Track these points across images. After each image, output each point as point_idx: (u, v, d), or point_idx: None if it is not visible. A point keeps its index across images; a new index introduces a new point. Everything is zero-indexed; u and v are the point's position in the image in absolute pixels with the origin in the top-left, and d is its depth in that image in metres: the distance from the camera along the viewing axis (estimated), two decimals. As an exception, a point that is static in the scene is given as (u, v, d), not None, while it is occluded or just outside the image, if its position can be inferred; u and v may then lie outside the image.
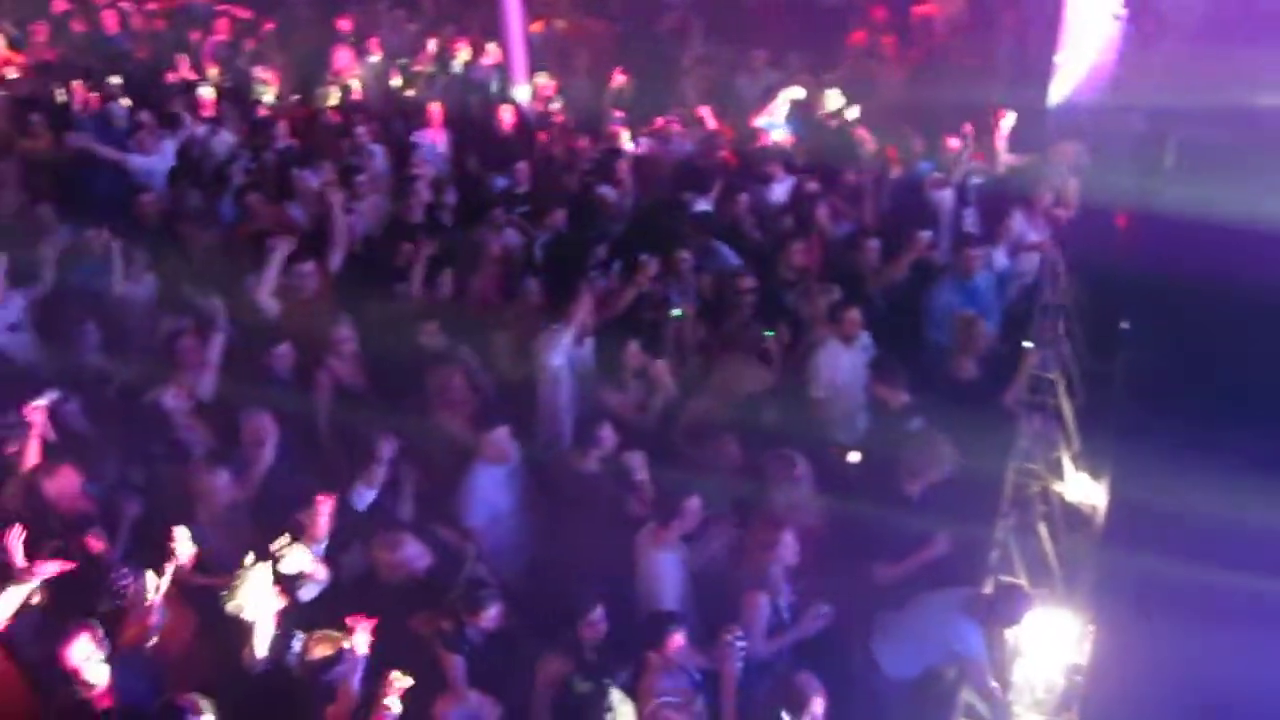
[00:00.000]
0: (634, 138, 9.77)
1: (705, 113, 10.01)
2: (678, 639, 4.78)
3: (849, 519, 5.81)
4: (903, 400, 6.45)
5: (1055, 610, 5.71)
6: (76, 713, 4.50)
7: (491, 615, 4.89)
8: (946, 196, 8.75)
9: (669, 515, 5.35)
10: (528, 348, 6.80)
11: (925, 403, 6.48)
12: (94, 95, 10.85)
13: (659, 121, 9.94)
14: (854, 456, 6.54)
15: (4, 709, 4.78)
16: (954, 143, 8.95)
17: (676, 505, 5.35)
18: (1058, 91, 10.84)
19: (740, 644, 4.74)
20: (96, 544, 5.47)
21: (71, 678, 4.49)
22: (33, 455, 5.76)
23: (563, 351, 6.52)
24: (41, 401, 5.85)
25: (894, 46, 11.75)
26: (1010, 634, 5.47)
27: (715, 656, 4.83)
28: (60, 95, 11.15)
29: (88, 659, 4.50)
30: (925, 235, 7.79)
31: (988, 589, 5.50)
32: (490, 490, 5.91)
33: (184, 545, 5.10)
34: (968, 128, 8.98)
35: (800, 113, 10.03)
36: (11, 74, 11.98)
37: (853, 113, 9.89)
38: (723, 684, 4.73)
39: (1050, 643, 5.55)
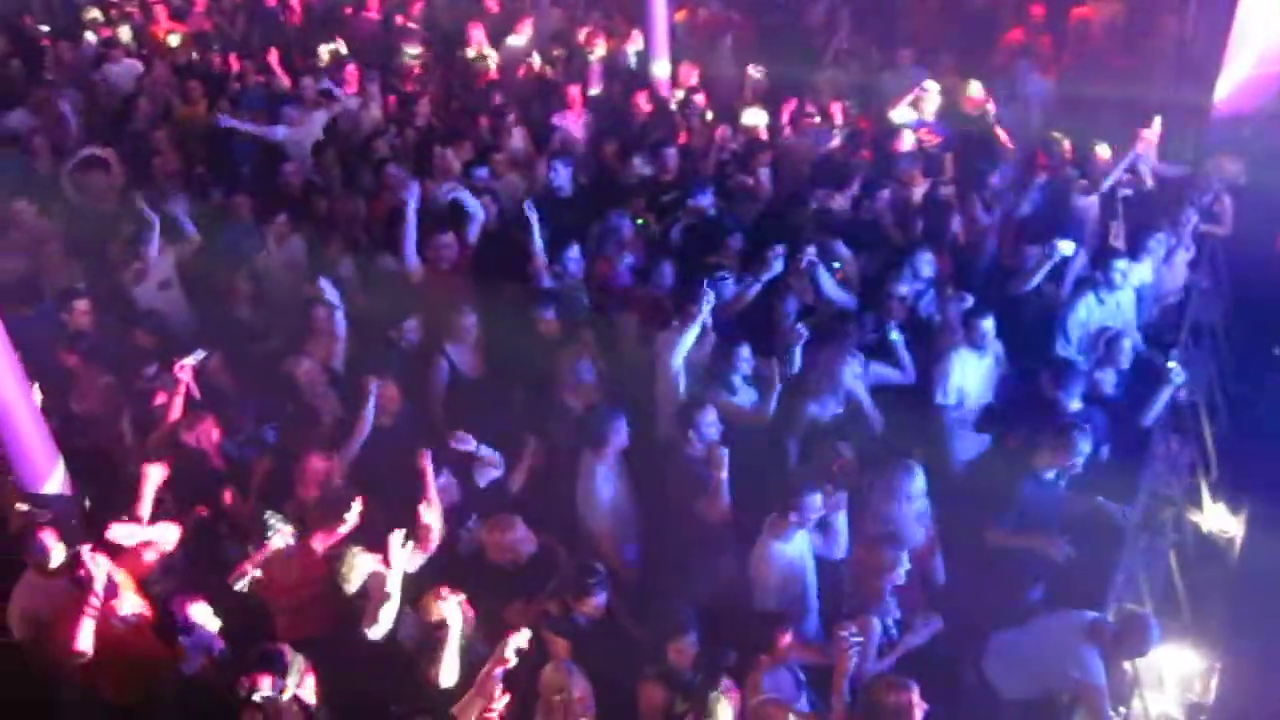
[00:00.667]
0: (772, 130, 9.68)
1: (836, 108, 9.83)
2: (786, 641, 4.76)
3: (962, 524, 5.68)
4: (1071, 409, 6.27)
5: (1180, 644, 5.50)
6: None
7: (596, 604, 4.93)
8: (1092, 205, 8.45)
9: (788, 507, 5.29)
10: (651, 335, 6.80)
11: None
12: (250, 65, 11.24)
13: (792, 114, 9.81)
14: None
15: (143, 653, 5.03)
16: (1104, 150, 8.61)
17: (796, 498, 5.28)
18: (1220, 101, 10.34)
19: (856, 640, 4.68)
20: (228, 498, 5.72)
21: (187, 630, 4.80)
22: (177, 410, 6.02)
23: (683, 352, 6.48)
24: (189, 360, 6.10)
25: (1048, 48, 11.39)
26: (1130, 664, 5.28)
27: (829, 651, 4.77)
28: (218, 64, 11.65)
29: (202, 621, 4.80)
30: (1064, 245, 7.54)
31: (1112, 616, 5.31)
32: (604, 479, 5.90)
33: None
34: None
35: (946, 112, 9.78)
36: (173, 43, 12.52)
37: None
38: (835, 680, 4.66)
39: (1173, 678, 5.34)
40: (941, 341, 6.99)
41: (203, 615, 4.93)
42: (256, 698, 4.35)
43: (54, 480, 5.50)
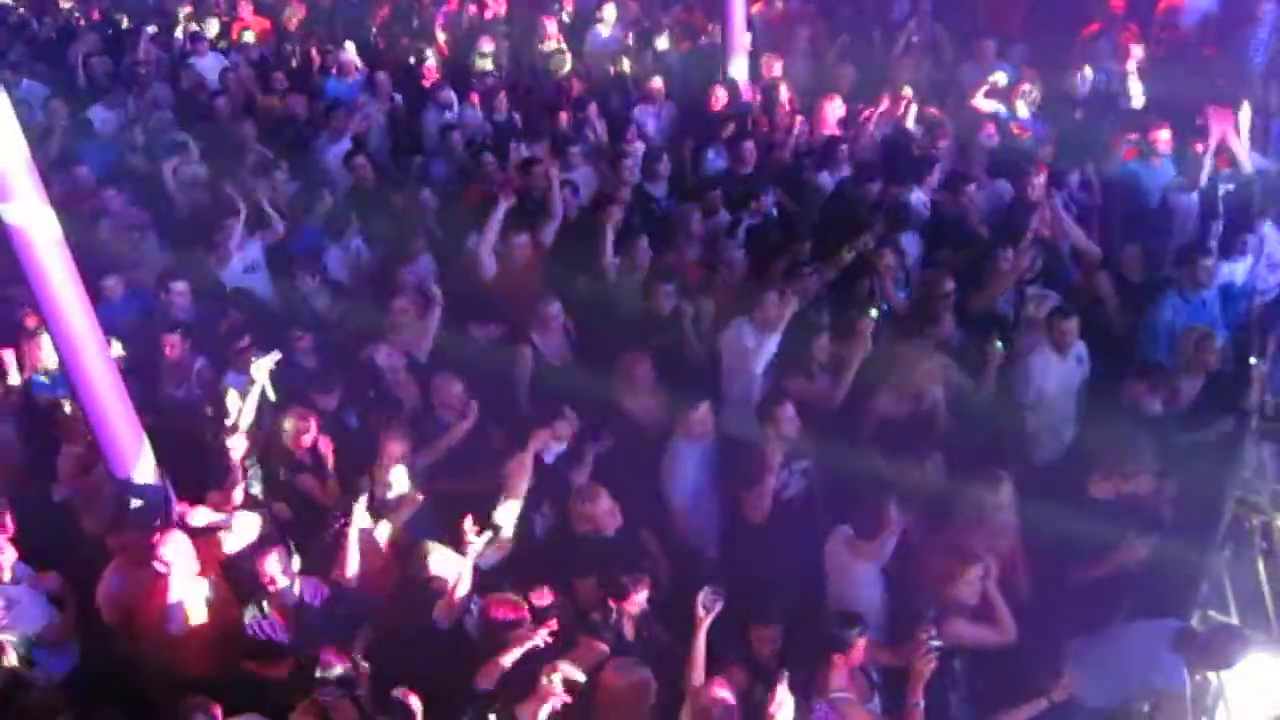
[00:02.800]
0: (849, 122, 9.58)
1: (906, 98, 9.67)
2: (862, 644, 4.71)
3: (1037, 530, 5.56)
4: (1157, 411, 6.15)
5: (1267, 655, 5.33)
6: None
7: (640, 600, 4.94)
8: (1189, 202, 8.22)
9: (871, 530, 5.23)
10: (726, 323, 6.80)
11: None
12: (330, 58, 11.40)
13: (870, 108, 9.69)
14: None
15: (224, 625, 5.15)
16: (1199, 145, 8.37)
17: (878, 519, 5.22)
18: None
19: (935, 643, 4.62)
20: (309, 483, 5.81)
21: (263, 588, 4.93)
22: (250, 408, 6.10)
23: (765, 355, 6.46)
24: (266, 361, 6.14)
25: (1130, 39, 11.08)
26: (1215, 675, 5.14)
27: (906, 654, 4.72)
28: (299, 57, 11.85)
29: (278, 574, 4.91)
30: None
31: (1197, 625, 5.17)
32: (691, 467, 5.94)
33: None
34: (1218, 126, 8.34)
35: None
36: (248, 38, 12.74)
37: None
38: (911, 682, 4.62)
39: (1259, 690, 5.18)
40: (1022, 340, 6.87)
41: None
42: (331, 675, 4.42)
43: (142, 466, 5.65)
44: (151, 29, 12.20)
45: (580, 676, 4.36)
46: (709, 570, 5.61)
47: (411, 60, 11.43)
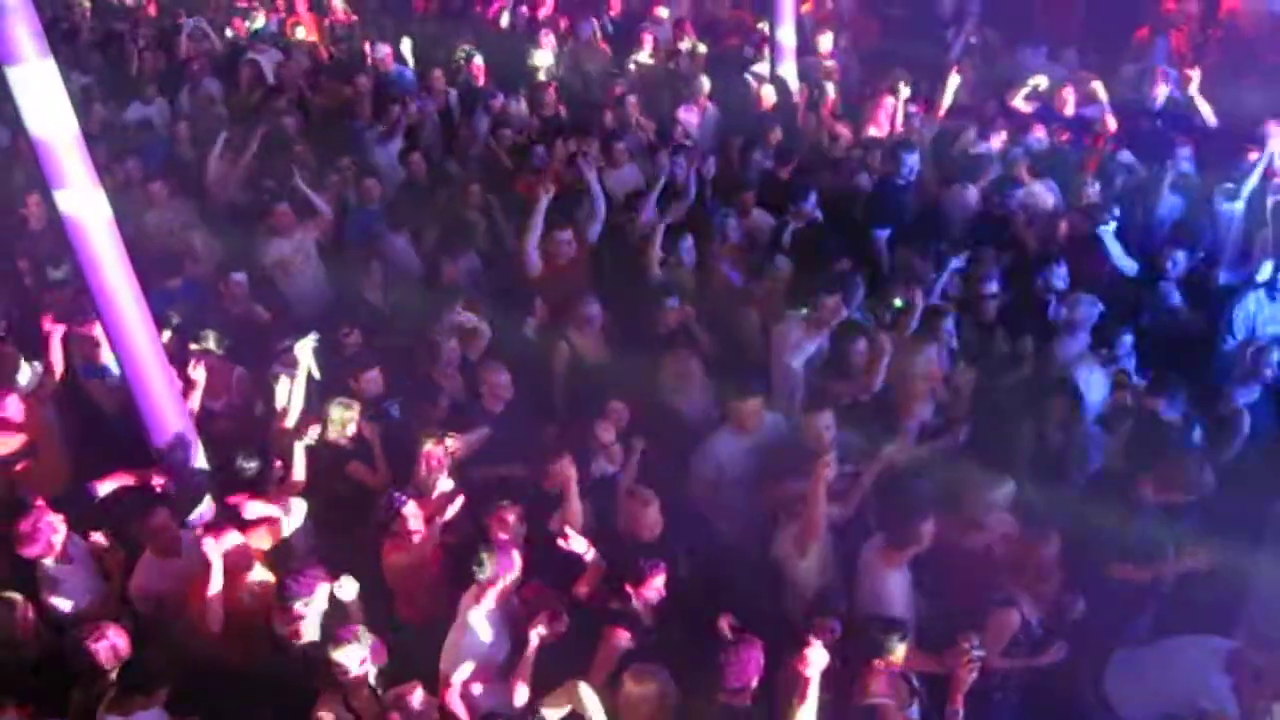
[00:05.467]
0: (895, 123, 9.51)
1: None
2: (903, 650, 4.67)
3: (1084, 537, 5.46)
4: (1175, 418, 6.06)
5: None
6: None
7: (658, 585, 4.93)
8: (1231, 211, 8.07)
9: (904, 538, 5.19)
10: (770, 331, 6.81)
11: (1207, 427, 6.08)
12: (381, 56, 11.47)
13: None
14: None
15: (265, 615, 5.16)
16: (1253, 152, 8.22)
17: (911, 527, 5.17)
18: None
19: (977, 652, 4.57)
20: (359, 471, 5.85)
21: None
22: (299, 395, 6.18)
23: (807, 353, 6.48)
24: (308, 342, 6.24)
25: (1183, 44, 10.93)
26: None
27: (947, 661, 4.66)
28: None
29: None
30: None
31: (1249, 646, 5.01)
32: (725, 454, 5.95)
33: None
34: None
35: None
36: (300, 35, 12.86)
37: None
38: (952, 689, 4.57)
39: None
40: (1067, 348, 6.80)
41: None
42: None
43: (191, 455, 5.71)
44: (193, 24, 12.29)
45: None
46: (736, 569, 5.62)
47: (460, 59, 11.46)
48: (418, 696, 4.52)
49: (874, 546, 5.31)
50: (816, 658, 4.35)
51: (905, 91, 9.41)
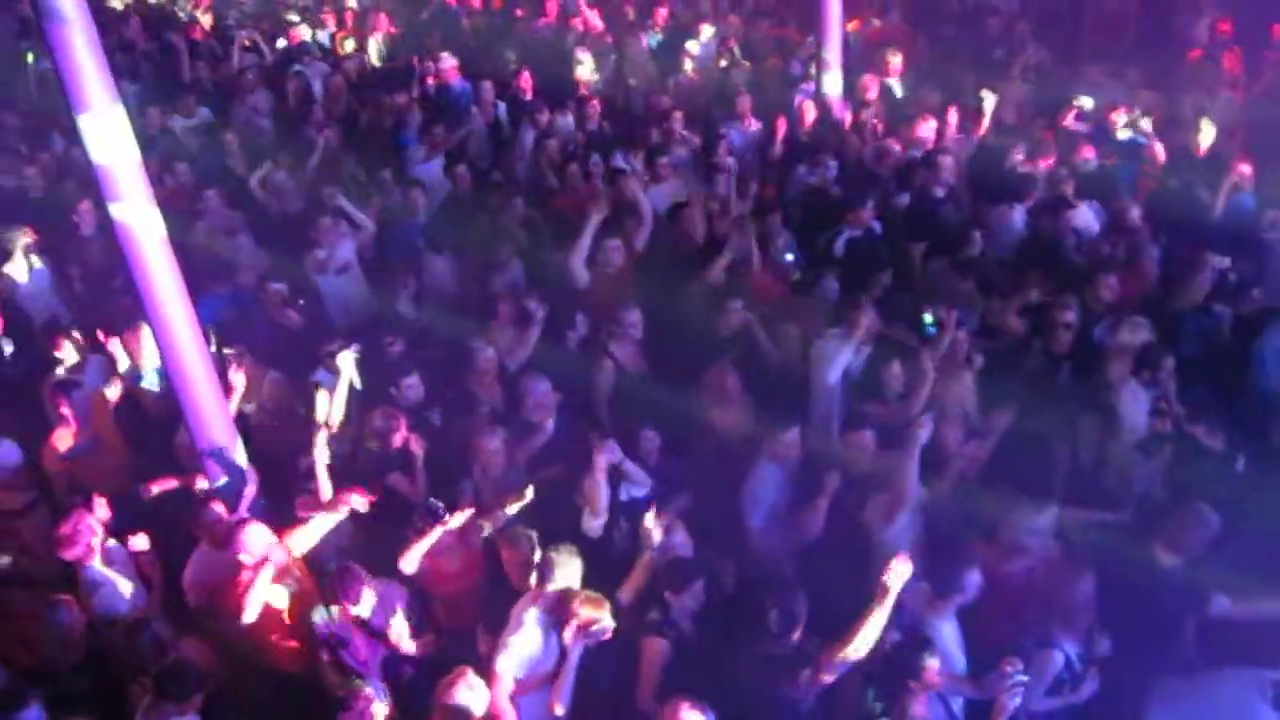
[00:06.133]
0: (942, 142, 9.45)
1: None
2: (935, 667, 4.63)
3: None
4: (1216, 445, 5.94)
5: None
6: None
7: (696, 591, 4.92)
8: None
9: (949, 587, 5.11)
10: (811, 347, 6.77)
11: (1251, 458, 5.93)
12: (430, 68, 11.58)
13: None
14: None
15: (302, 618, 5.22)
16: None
17: (957, 578, 5.10)
18: None
19: (1019, 677, 4.52)
20: (399, 483, 5.89)
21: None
22: (340, 403, 6.24)
23: (841, 364, 6.45)
24: (350, 353, 6.31)
25: (1235, 65, 10.78)
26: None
27: (989, 686, 4.62)
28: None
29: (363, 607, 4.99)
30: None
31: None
32: (772, 489, 5.92)
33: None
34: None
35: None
36: (348, 47, 13.01)
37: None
38: (994, 715, 4.51)
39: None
40: (1111, 371, 6.71)
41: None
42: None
43: (234, 458, 5.78)
44: (245, 35, 12.47)
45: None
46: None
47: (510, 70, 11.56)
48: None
49: (917, 594, 5.24)
50: (901, 570, 4.51)
51: (988, 107, 9.36)
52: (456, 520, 5.30)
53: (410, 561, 5.30)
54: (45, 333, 7.20)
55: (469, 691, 4.52)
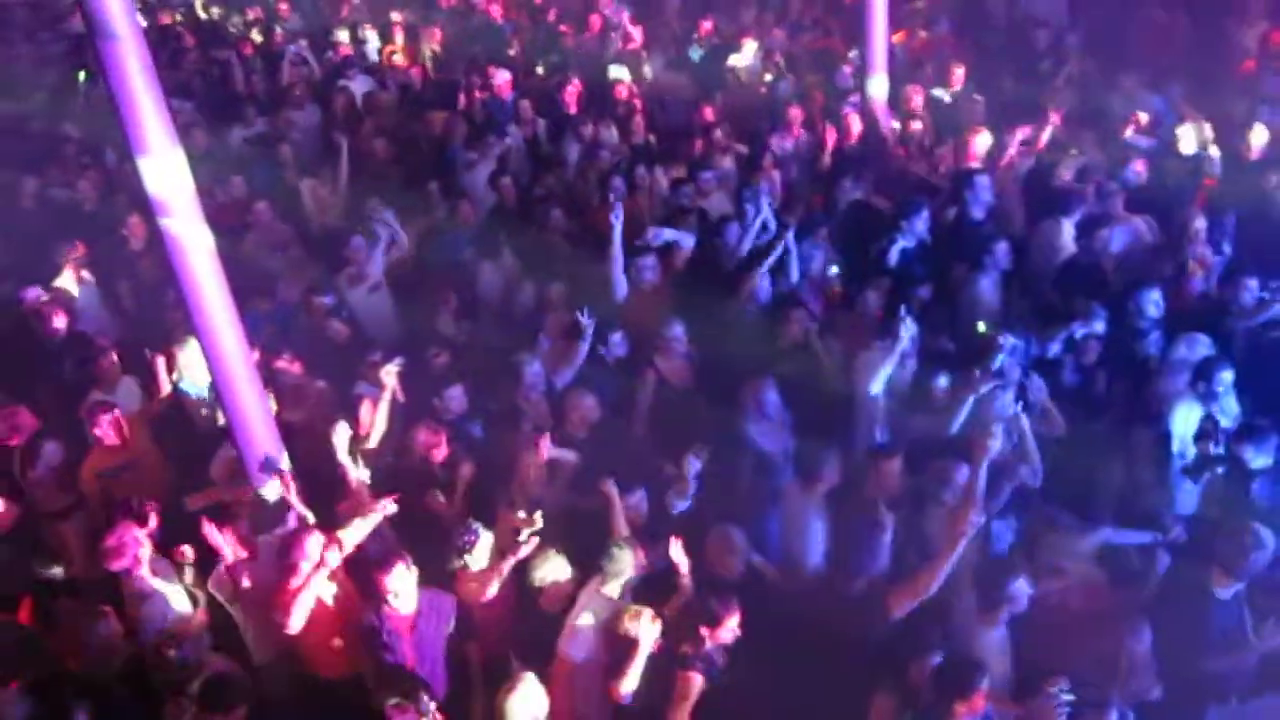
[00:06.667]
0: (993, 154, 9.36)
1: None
2: (983, 693, 4.55)
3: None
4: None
5: None
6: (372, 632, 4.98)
7: (732, 626, 4.87)
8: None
9: (995, 600, 5.06)
10: (854, 361, 6.73)
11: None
12: (476, 81, 11.65)
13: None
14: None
15: (343, 623, 5.25)
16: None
17: (1004, 589, 5.05)
18: None
19: (1065, 697, 4.44)
20: (435, 504, 5.91)
21: (382, 599, 4.97)
22: (383, 415, 6.27)
23: (883, 375, 6.40)
24: (393, 367, 6.34)
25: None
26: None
27: (1035, 712, 4.55)
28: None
29: (400, 587, 4.95)
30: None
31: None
32: (812, 514, 5.87)
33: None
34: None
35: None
36: (397, 60, 13.12)
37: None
38: None
39: None
40: (1165, 386, 6.59)
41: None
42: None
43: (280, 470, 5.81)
44: (294, 50, 12.63)
45: None
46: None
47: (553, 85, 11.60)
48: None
49: (966, 606, 5.18)
50: (974, 519, 4.89)
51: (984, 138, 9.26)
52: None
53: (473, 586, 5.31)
54: (86, 351, 7.28)
55: (526, 698, 4.56)
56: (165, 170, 4.92)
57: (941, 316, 7.26)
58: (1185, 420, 6.29)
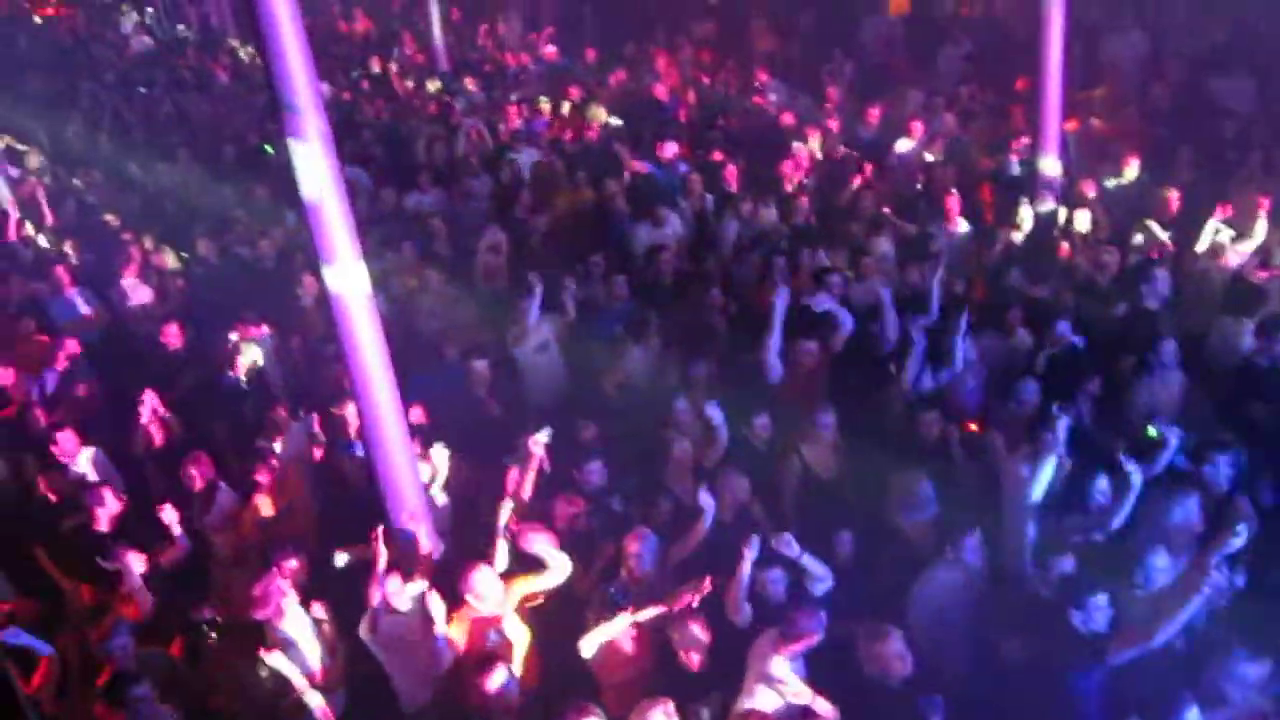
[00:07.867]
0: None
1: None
2: None
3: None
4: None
5: None
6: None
7: None
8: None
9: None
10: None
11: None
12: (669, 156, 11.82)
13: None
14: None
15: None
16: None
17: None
18: None
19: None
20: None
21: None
22: (528, 485, 6.34)
23: (1039, 483, 6.10)
24: (542, 437, 6.42)
25: None
26: None
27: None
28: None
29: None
30: None
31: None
32: (944, 592, 5.75)
33: None
34: None
35: None
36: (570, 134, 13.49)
37: None
38: None
39: None
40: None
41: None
42: None
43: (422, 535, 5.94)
44: (470, 124, 13.10)
45: None
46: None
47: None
48: None
49: None
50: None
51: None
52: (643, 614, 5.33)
53: (589, 645, 5.32)
54: (264, 398, 7.58)
55: None
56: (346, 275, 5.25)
57: (1108, 413, 6.97)
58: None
